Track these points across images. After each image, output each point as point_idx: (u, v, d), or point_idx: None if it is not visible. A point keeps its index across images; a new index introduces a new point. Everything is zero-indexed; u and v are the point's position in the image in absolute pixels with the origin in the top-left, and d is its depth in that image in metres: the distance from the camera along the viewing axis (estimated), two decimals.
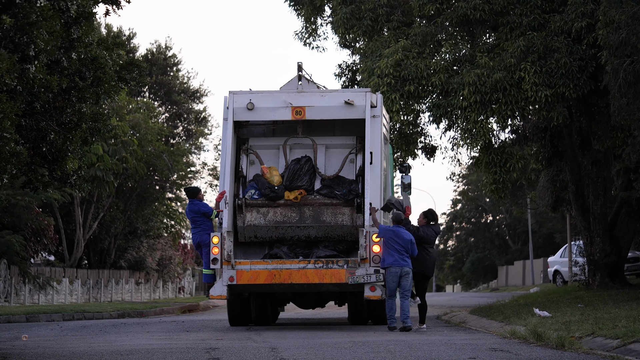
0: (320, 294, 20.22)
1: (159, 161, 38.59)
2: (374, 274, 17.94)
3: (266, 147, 19.69)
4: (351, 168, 19.32)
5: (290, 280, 18.13)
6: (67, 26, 14.52)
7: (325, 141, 19.60)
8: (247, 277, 18.14)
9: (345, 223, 18.70)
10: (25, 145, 14.65)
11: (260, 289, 18.71)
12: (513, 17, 25.66)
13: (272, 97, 19.38)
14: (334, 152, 19.58)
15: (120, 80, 15.76)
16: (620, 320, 14.98)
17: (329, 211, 18.80)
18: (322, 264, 18.14)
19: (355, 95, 19.25)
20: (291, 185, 19.01)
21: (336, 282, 18.14)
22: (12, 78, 12.85)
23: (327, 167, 19.41)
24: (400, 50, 25.66)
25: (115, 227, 38.63)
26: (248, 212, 18.79)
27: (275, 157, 19.59)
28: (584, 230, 29.30)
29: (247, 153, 19.49)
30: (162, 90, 49.61)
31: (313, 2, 29.33)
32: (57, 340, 16.49)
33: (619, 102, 22.04)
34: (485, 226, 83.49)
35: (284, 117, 19.28)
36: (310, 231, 18.86)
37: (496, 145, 26.97)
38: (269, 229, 18.84)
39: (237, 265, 18.14)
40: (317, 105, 19.21)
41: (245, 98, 19.22)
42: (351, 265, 18.04)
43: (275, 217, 18.83)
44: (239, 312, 20.02)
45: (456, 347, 13.40)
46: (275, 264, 18.24)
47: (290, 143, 19.57)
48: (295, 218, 18.81)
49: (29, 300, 31.32)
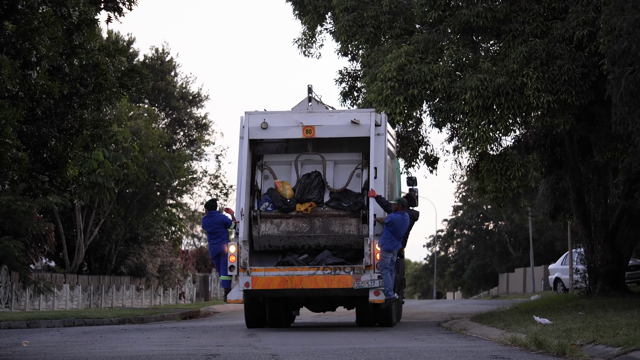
0: (330, 299, 21.65)
1: (160, 167, 38.58)
2: (378, 279, 19.72)
3: (279, 163, 21.42)
4: (357, 182, 21.00)
5: (301, 285, 19.83)
6: (68, 32, 14.54)
7: (334, 157, 21.32)
8: (261, 283, 19.90)
9: (352, 233, 20.40)
10: (27, 151, 14.65)
11: (274, 293, 20.37)
12: (515, 24, 25.66)
13: (284, 117, 21.19)
14: (342, 168, 21.28)
15: (122, 86, 15.78)
16: (621, 328, 14.96)
17: (337, 222, 20.52)
18: (330, 270, 19.81)
19: (361, 115, 21.07)
20: (302, 198, 20.71)
21: (343, 287, 19.81)
22: (14, 84, 12.86)
23: (335, 181, 21.11)
24: (403, 55, 25.68)
25: (116, 233, 38.62)
26: (263, 223, 20.52)
27: (287, 172, 21.31)
28: (585, 238, 29.29)
29: (261, 168, 21.25)
30: (160, 96, 49.61)
31: (317, 9, 29.38)
32: (58, 346, 16.48)
33: (621, 111, 21.98)
34: (486, 233, 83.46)
35: (296, 135, 21.09)
36: (320, 240, 20.54)
37: (497, 153, 26.92)
38: (282, 238, 20.56)
39: (252, 272, 19.91)
40: (325, 125, 21.03)
41: (260, 118, 20.97)
42: (357, 272, 19.73)
43: (287, 228, 20.55)
44: (255, 315, 21.60)
45: (457, 354, 13.39)
46: (287, 271, 19.97)
47: (302, 159, 21.31)
48: (306, 228, 20.52)
49: (29, 306, 31.30)
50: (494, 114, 25.08)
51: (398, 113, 25.40)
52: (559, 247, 63.52)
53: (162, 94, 49.39)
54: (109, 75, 15.01)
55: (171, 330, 21.77)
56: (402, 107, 25.45)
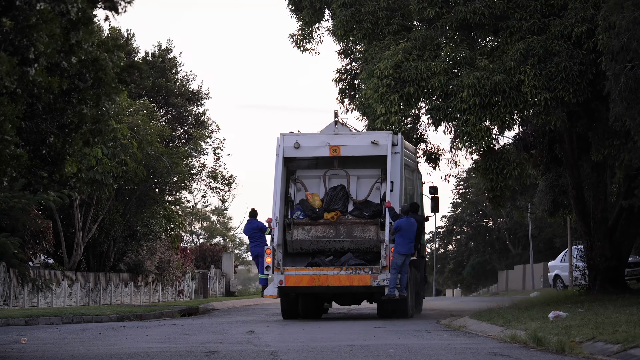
0: (353, 294, 24.77)
1: (159, 163, 38.51)
2: (392, 278, 22.85)
3: (310, 177, 25.04)
4: (377, 194, 24.49)
5: (327, 283, 23.17)
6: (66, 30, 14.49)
7: (357, 172, 24.86)
8: (293, 281, 23.27)
9: (371, 238, 23.84)
10: (25, 147, 14.61)
11: (303, 290, 23.73)
12: (513, 21, 25.62)
13: (314, 138, 24.78)
14: (363, 181, 24.83)
15: (121, 82, 15.72)
16: (621, 325, 14.94)
17: (359, 228, 23.95)
18: (352, 270, 23.13)
19: (380, 137, 24.44)
20: (329, 207, 24.28)
21: (363, 285, 23.11)
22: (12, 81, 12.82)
23: (357, 193, 24.68)
24: (400, 52, 25.63)
25: (114, 230, 38.56)
26: (295, 229, 24.01)
27: (317, 185, 24.85)
28: (585, 235, 29.25)
29: (294, 182, 24.85)
30: (160, 93, 49.51)
31: (313, 4, 29.28)
32: (56, 343, 16.47)
33: (619, 107, 21.94)
34: (485, 230, 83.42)
35: (324, 153, 24.62)
36: (344, 244, 23.99)
37: (495, 149, 26.85)
38: (312, 242, 24.08)
39: (285, 272, 23.25)
40: (349, 145, 24.49)
41: (293, 139, 24.55)
42: (375, 272, 23.04)
43: (316, 233, 24.05)
44: (289, 308, 24.91)
45: (456, 351, 13.38)
46: (315, 270, 23.41)
47: (329, 174, 24.94)
48: (332, 234, 24.01)
49: (28, 303, 31.27)
50: (491, 112, 25.06)
51: (394, 112, 25.36)
52: (558, 244, 63.51)
53: (162, 92, 49.31)
54: (108, 70, 14.95)
55: (170, 327, 21.77)
56: (398, 106, 25.42)
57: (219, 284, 51.54)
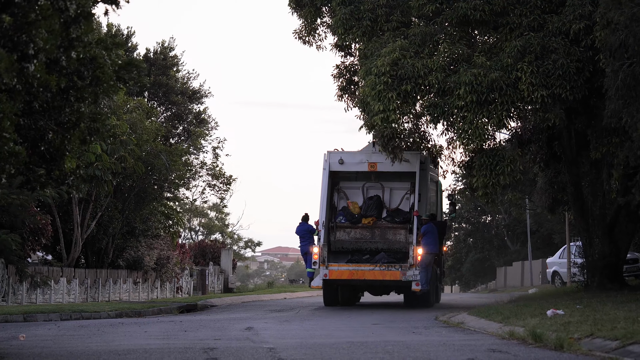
0: (384, 287, 29.36)
1: (157, 160, 38.46)
2: (419, 274, 27.39)
3: (351, 188, 29.92)
4: (406, 204, 29.41)
5: (363, 277, 27.87)
6: (66, 25, 14.47)
7: (390, 185, 29.75)
8: (335, 274, 27.95)
9: (401, 240, 28.53)
10: (24, 144, 14.59)
11: (344, 282, 28.65)
12: (513, 17, 25.61)
13: (355, 156, 29.41)
14: (396, 193, 29.77)
15: (119, 80, 15.70)
16: (619, 322, 14.95)
17: (391, 232, 28.77)
18: (385, 267, 27.63)
19: (410, 156, 28.46)
20: (366, 214, 29.17)
21: (393, 279, 27.67)
22: (10, 77, 12.81)
23: (390, 202, 29.66)
24: (397, 49, 25.59)
25: (113, 227, 38.48)
26: (338, 231, 28.87)
27: (356, 195, 29.82)
28: (583, 232, 29.26)
29: (338, 192, 29.82)
30: (161, 90, 49.47)
31: (314, 2, 29.27)
32: (55, 340, 16.46)
33: (615, 104, 21.91)
34: (484, 227, 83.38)
35: (363, 169, 29.34)
36: (378, 245, 28.67)
37: (490, 147, 26.68)
38: (351, 242, 28.88)
39: (329, 266, 27.92)
40: (384, 162, 28.39)
41: (337, 156, 29.33)
42: (403, 269, 27.48)
43: (355, 235, 28.87)
44: (331, 296, 29.75)
45: (454, 348, 13.38)
46: (354, 266, 27.98)
47: (367, 186, 29.86)
48: (368, 236, 28.80)
49: (26, 300, 31.24)
50: (488, 109, 25.02)
51: (391, 110, 25.33)
52: (557, 240, 63.46)
53: (162, 89, 49.27)
54: (107, 69, 14.93)
55: (168, 323, 21.75)
56: (396, 103, 25.39)
57: (218, 280, 51.47)
